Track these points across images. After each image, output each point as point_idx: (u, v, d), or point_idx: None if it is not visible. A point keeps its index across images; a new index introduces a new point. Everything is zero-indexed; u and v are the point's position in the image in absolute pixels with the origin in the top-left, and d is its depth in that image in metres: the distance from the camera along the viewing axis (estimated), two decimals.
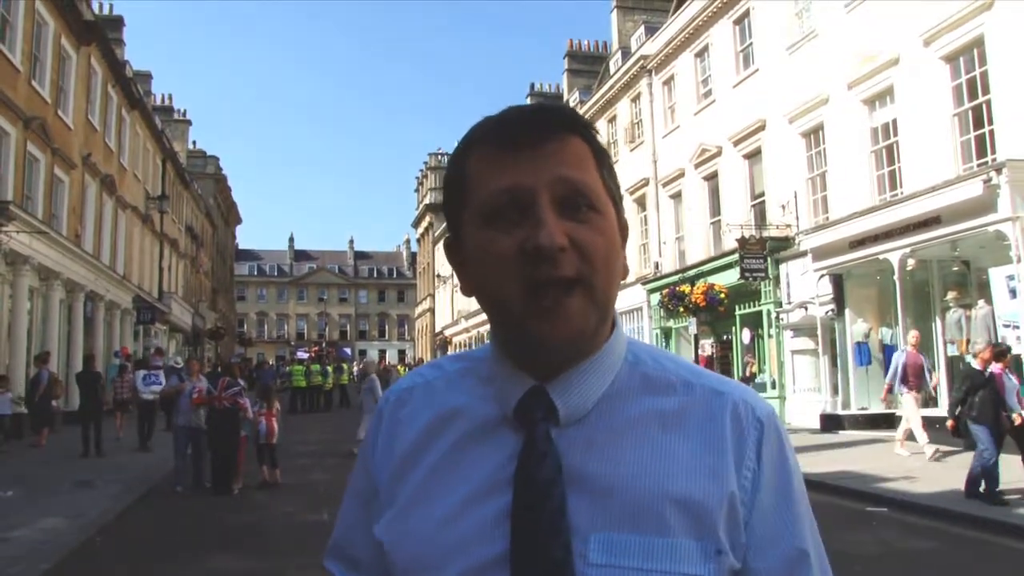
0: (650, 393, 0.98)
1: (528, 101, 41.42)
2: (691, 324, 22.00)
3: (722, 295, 20.17)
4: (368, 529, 1.04)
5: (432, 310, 62.71)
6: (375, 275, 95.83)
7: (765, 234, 19.16)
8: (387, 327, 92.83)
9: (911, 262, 14.63)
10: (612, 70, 30.81)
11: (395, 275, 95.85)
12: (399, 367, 52.81)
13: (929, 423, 12.66)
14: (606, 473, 0.92)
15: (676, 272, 23.37)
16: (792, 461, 1.00)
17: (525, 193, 0.91)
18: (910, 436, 12.62)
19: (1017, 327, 12.22)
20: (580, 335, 0.93)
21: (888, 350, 16.11)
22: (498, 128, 0.96)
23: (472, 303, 50.27)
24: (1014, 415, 9.60)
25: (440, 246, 61.69)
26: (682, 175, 24.21)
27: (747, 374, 20.46)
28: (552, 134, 0.94)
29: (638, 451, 0.94)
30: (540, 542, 0.89)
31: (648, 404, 0.97)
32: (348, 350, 79.41)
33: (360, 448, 1.13)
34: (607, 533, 0.90)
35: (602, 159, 0.98)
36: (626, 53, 29.88)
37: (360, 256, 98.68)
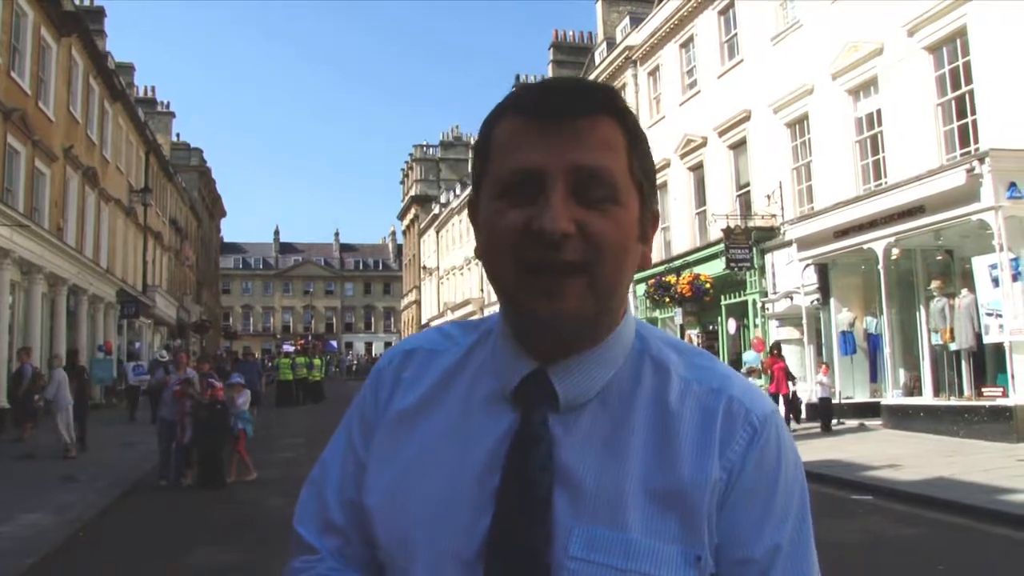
0: (651, 386, 0.96)
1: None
2: (677, 314, 22.05)
3: (708, 285, 20.25)
4: (349, 491, 1.02)
5: (418, 302, 62.66)
6: (361, 267, 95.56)
7: (750, 224, 19.22)
8: (373, 320, 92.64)
9: (895, 251, 14.71)
10: (597, 61, 30.77)
11: (381, 267, 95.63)
12: None
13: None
14: (597, 466, 0.91)
15: (662, 262, 23.39)
16: (787, 462, 0.95)
17: (540, 175, 0.89)
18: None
19: (1000, 315, 12.31)
20: (576, 319, 0.90)
21: (873, 339, 16.23)
22: (534, 95, 0.93)
23: (457, 295, 50.30)
24: None
25: (425, 238, 61.69)
26: (667, 165, 24.24)
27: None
28: (586, 111, 0.91)
29: (632, 446, 0.93)
30: (522, 529, 0.88)
31: (648, 397, 0.96)
32: (335, 343, 79.23)
33: (349, 413, 1.10)
34: (591, 527, 0.88)
35: (636, 144, 0.95)
36: (611, 44, 29.84)
37: (346, 248, 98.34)
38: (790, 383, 15.58)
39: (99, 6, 32.43)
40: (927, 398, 14.18)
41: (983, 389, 13.27)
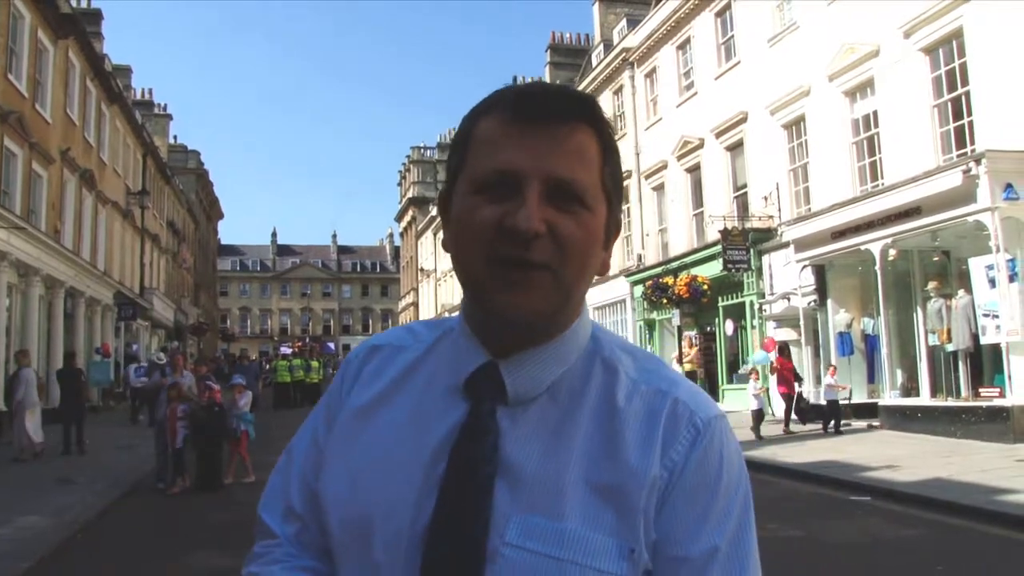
0: (599, 385, 0.99)
1: None
2: (674, 316, 22.07)
3: (705, 287, 20.26)
4: (311, 479, 1.05)
5: (416, 304, 62.59)
6: (358, 269, 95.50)
7: (748, 225, 19.25)
8: (371, 321, 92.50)
9: (892, 252, 14.73)
10: (594, 63, 30.81)
11: (378, 269, 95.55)
12: None
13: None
14: (540, 458, 0.94)
15: (659, 264, 23.44)
16: (727, 467, 0.97)
17: (518, 176, 0.92)
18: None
19: (997, 316, 12.32)
20: (537, 314, 0.93)
21: (870, 340, 16.24)
22: (517, 98, 0.96)
23: (456, 297, 50.25)
24: None
25: (422, 240, 61.58)
26: (665, 167, 24.26)
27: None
28: (565, 118, 0.94)
29: (576, 440, 0.95)
30: (461, 517, 0.91)
31: (595, 395, 0.98)
32: (332, 345, 79.08)
33: (320, 402, 1.14)
34: (528, 516, 0.91)
35: (609, 156, 0.98)
36: (608, 46, 29.88)
37: (343, 251, 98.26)
38: (797, 384, 15.58)
39: (96, 8, 32.41)
40: (924, 399, 14.19)
41: (980, 390, 13.29)
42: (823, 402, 15.39)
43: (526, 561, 0.89)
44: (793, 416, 15.54)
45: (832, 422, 14.69)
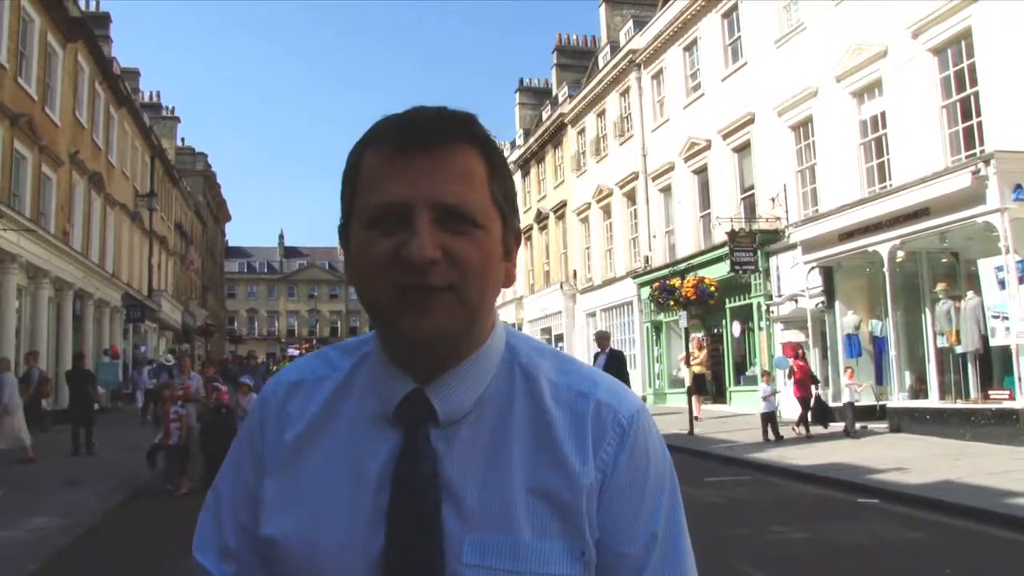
0: (523, 393, 1.01)
1: (516, 96, 40.88)
2: (681, 317, 21.94)
3: (712, 288, 20.22)
4: (243, 516, 1.05)
5: None
6: None
7: (755, 227, 19.20)
8: None
9: (900, 254, 14.67)
10: (601, 64, 30.79)
11: None
12: None
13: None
14: (480, 476, 0.96)
15: (666, 266, 23.41)
16: (653, 457, 1.02)
17: (405, 208, 0.93)
18: None
19: (1006, 318, 12.27)
20: (445, 335, 0.95)
21: (878, 342, 16.17)
22: (395, 128, 0.97)
23: None
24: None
25: None
26: (672, 169, 24.23)
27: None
28: (444, 140, 0.96)
29: (511, 452, 0.98)
30: (414, 542, 0.93)
31: (521, 404, 1.01)
32: None
33: (239, 439, 1.12)
34: (480, 533, 0.93)
35: (496, 171, 1.00)
36: (615, 47, 29.86)
37: None
38: (814, 387, 15.35)
39: (105, 12, 32.61)
40: (933, 401, 14.12)
41: (989, 392, 13.22)
42: (841, 403, 15.15)
43: None
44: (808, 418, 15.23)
45: (853, 424, 14.42)
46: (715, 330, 22.63)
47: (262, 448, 1.06)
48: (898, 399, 14.91)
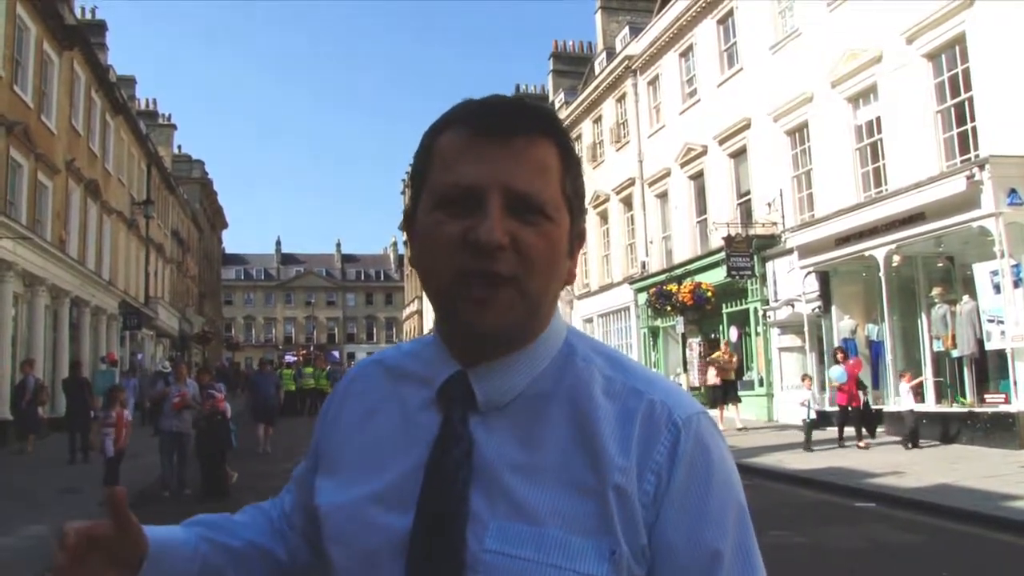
0: (574, 388, 0.99)
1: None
2: (678, 323, 22.04)
3: (709, 293, 20.23)
4: (303, 487, 1.17)
5: (420, 312, 62.58)
6: (362, 278, 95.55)
7: (751, 232, 19.24)
8: (375, 330, 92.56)
9: (896, 258, 14.69)
10: (597, 71, 30.87)
11: (383, 277, 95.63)
12: None
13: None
14: (515, 463, 0.95)
15: (663, 271, 23.43)
16: (716, 464, 0.96)
17: (479, 190, 0.94)
18: None
19: (1002, 322, 12.31)
20: (505, 327, 0.95)
21: (875, 346, 16.19)
22: (476, 112, 0.98)
23: None
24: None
25: None
26: (668, 174, 24.28)
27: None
28: (524, 131, 0.96)
29: (550, 443, 0.96)
30: (440, 524, 0.93)
31: (569, 397, 0.98)
32: (336, 353, 79.15)
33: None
34: (506, 522, 0.92)
35: (570, 167, 1.00)
36: (611, 54, 29.95)
37: (347, 259, 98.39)
38: (861, 393, 14.46)
39: (101, 20, 32.60)
40: (929, 405, 14.14)
41: (985, 396, 13.25)
42: (901, 409, 13.75)
43: (507, 566, 0.90)
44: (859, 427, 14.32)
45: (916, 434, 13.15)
46: (712, 335, 22.62)
47: (320, 430, 1.16)
48: (894, 403, 14.92)
